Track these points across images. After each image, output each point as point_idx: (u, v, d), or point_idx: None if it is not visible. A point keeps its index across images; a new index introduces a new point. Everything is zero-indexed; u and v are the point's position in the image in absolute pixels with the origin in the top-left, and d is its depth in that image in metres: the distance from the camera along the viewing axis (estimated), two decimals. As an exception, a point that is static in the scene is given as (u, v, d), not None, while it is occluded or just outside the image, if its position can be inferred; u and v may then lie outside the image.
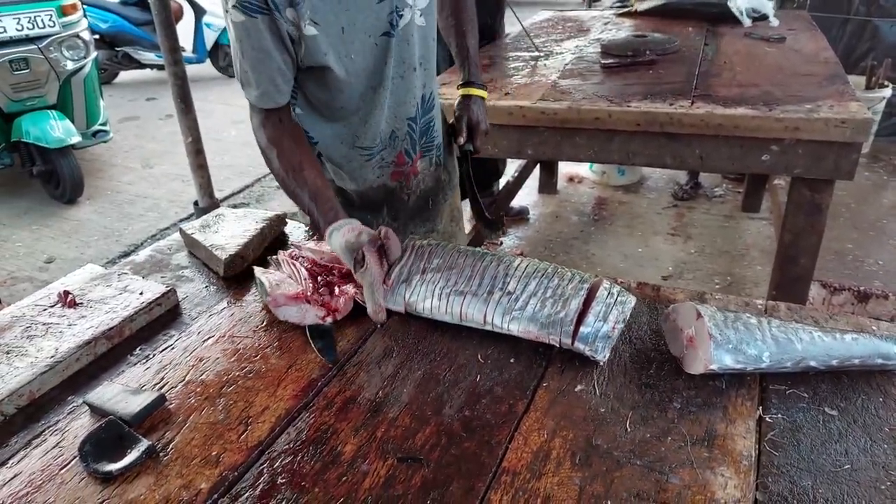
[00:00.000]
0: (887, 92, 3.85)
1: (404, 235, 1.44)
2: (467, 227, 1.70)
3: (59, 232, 3.86)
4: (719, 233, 3.45)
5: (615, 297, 0.98)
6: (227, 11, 1.09)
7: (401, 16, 1.19)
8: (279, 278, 1.10)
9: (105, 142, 4.50)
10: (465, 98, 1.40)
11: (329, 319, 1.06)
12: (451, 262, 1.06)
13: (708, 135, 1.80)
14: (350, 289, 1.08)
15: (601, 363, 0.96)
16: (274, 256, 1.19)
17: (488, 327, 1.01)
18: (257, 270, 1.13)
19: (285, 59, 1.13)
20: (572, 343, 0.95)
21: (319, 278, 1.11)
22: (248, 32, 1.08)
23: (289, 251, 1.18)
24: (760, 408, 0.88)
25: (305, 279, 1.09)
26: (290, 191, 1.16)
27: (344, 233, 1.07)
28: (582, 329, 0.95)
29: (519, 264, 1.05)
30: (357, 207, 1.41)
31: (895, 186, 3.75)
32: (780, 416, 0.87)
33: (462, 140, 1.37)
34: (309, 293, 1.06)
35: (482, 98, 1.41)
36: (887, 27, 4.14)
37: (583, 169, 4.16)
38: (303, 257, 1.15)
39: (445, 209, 1.54)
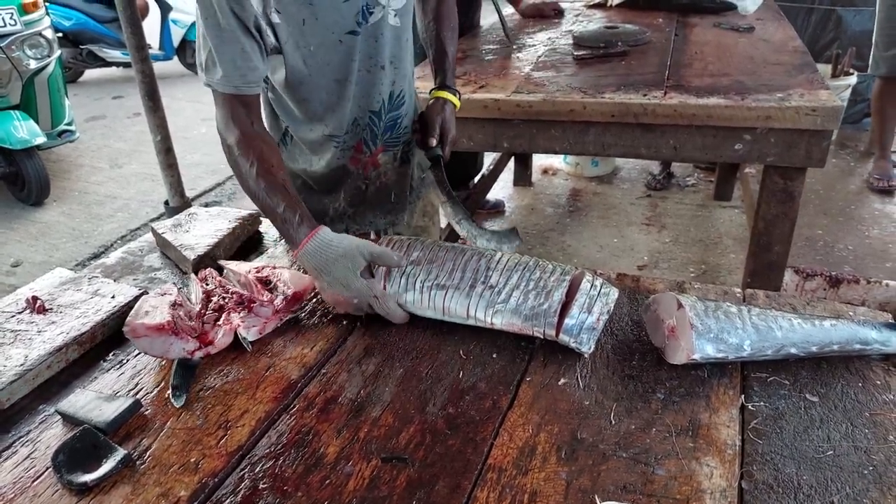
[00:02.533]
0: (852, 80, 3.92)
1: (363, 225, 1.46)
2: (443, 223, 1.67)
3: (26, 235, 3.75)
4: (693, 222, 3.49)
5: (598, 288, 0.98)
6: None
7: (371, 13, 1.18)
8: (156, 302, 1.00)
9: (71, 142, 4.38)
10: (440, 101, 1.37)
11: (199, 354, 0.96)
12: (432, 256, 1.04)
13: (681, 125, 1.81)
14: (235, 319, 1.01)
15: (585, 355, 0.95)
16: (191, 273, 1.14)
17: (471, 321, 1.00)
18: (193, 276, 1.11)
19: (251, 44, 1.09)
20: (557, 335, 0.95)
21: (214, 299, 1.05)
22: (213, 10, 1.05)
23: (207, 270, 1.13)
24: (743, 396, 0.89)
25: (199, 301, 1.04)
26: (259, 195, 1.08)
27: (351, 239, 1.05)
28: (566, 321, 0.94)
29: (500, 258, 1.04)
30: (315, 191, 1.40)
31: (862, 173, 3.83)
32: (762, 404, 0.88)
33: (434, 142, 1.33)
34: (187, 321, 0.98)
35: (454, 105, 1.39)
36: (851, 16, 4.21)
37: (557, 161, 4.18)
38: (213, 277, 1.10)
39: (417, 205, 1.53)
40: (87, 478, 0.76)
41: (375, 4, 1.17)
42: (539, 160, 4.17)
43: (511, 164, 3.90)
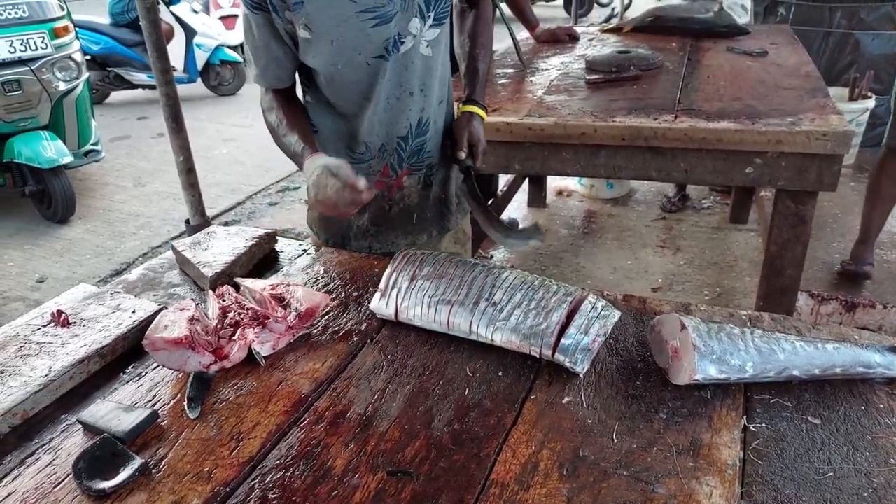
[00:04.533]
0: (870, 103, 3.91)
1: (385, 244, 1.51)
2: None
3: (51, 251, 3.85)
4: (708, 244, 3.48)
5: (599, 311, 1.01)
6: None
7: (402, 43, 1.25)
8: (175, 317, 1.04)
9: (97, 161, 4.50)
10: (467, 114, 1.42)
11: (214, 368, 0.99)
12: (442, 272, 1.09)
13: (692, 148, 1.84)
14: (250, 335, 1.03)
15: (580, 375, 0.97)
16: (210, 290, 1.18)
17: (473, 336, 1.04)
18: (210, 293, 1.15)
19: (284, 50, 1.26)
20: (553, 354, 0.97)
21: (230, 315, 1.08)
22: (249, 24, 1.25)
23: (224, 287, 1.16)
24: (745, 417, 0.90)
25: (215, 317, 1.07)
26: (282, 141, 1.28)
27: (325, 160, 1.17)
28: (563, 341, 0.97)
29: (507, 276, 1.08)
30: None
31: (880, 197, 3.79)
32: (764, 425, 0.89)
33: (463, 155, 1.38)
34: (204, 335, 1.01)
35: (482, 118, 1.44)
36: (868, 40, 4.21)
37: (572, 182, 4.20)
38: (229, 294, 1.13)
39: (446, 236, 1.57)
40: (106, 485, 0.79)
41: (406, 34, 1.25)
42: (554, 181, 4.19)
43: (525, 185, 3.93)
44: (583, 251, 3.48)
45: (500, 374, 1.00)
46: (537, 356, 0.99)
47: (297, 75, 1.36)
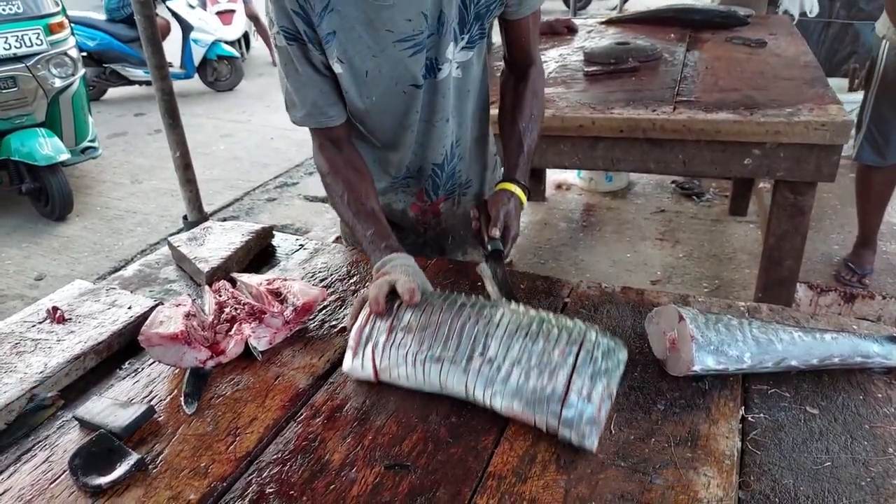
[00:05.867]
0: (869, 94, 3.90)
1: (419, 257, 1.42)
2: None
3: (49, 249, 3.84)
4: (707, 237, 3.48)
5: (599, 364, 0.84)
6: (273, 34, 1.13)
7: (439, 69, 1.16)
8: (170, 312, 1.03)
9: (94, 158, 4.49)
10: (506, 193, 1.23)
11: (211, 363, 0.99)
12: (425, 321, 0.92)
13: (690, 140, 1.83)
14: (247, 330, 1.03)
15: (590, 447, 0.81)
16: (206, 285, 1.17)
17: (471, 399, 0.89)
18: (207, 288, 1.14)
19: (327, 82, 1.15)
20: (559, 427, 0.82)
21: (226, 310, 1.08)
22: (289, 57, 1.12)
23: (221, 282, 1.16)
24: (743, 408, 0.90)
25: (212, 312, 1.07)
26: (350, 221, 1.17)
27: (388, 269, 1.03)
28: (564, 412, 0.82)
29: (500, 319, 0.91)
30: None
31: (879, 187, 3.79)
32: (762, 415, 0.88)
33: (497, 233, 1.17)
34: (200, 331, 1.01)
35: (521, 202, 1.25)
36: (868, 30, 4.19)
37: (570, 176, 4.20)
38: (226, 289, 1.13)
39: (471, 243, 1.51)
40: (102, 480, 0.79)
41: (444, 60, 1.15)
42: (553, 175, 4.19)
43: (524, 178, 3.92)
44: (582, 244, 3.47)
45: (497, 366, 1.00)
46: (543, 429, 0.84)
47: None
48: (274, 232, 1.42)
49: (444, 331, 0.90)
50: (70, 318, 1.07)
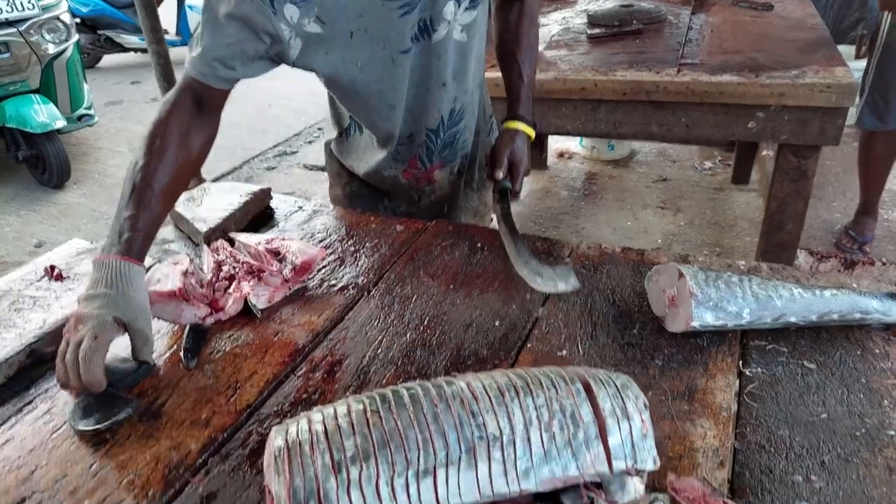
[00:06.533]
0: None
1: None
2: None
3: (48, 216, 3.84)
4: (709, 205, 3.46)
5: (612, 382, 0.72)
6: None
7: (434, 30, 1.09)
8: (168, 270, 1.02)
9: (90, 126, 4.46)
10: (511, 132, 1.25)
11: (210, 320, 0.99)
12: (378, 435, 0.65)
13: (693, 102, 1.81)
14: (245, 287, 1.03)
15: (649, 469, 0.69)
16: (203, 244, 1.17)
17: (491, 497, 0.66)
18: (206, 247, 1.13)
19: (246, 44, 0.99)
20: (611, 466, 0.67)
21: (225, 268, 1.07)
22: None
23: (219, 241, 1.15)
24: (741, 363, 0.90)
25: (210, 270, 1.06)
26: (124, 190, 0.94)
27: (144, 300, 0.88)
28: (611, 443, 0.68)
29: (476, 388, 0.70)
30: (367, 185, 1.40)
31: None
32: (759, 370, 0.89)
33: (501, 174, 1.21)
34: (199, 288, 1.00)
35: (528, 137, 1.26)
36: (876, -4, 4.12)
37: (573, 144, 4.16)
38: (224, 248, 1.12)
39: (469, 213, 1.48)
40: (102, 425, 0.79)
41: (440, 21, 1.07)
42: (555, 144, 4.16)
43: (525, 146, 3.89)
44: (583, 212, 3.46)
45: (496, 324, 1.00)
46: (597, 480, 0.68)
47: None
48: (272, 194, 1.41)
49: (414, 435, 0.66)
50: (68, 277, 1.07)
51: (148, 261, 1.12)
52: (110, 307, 0.83)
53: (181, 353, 0.94)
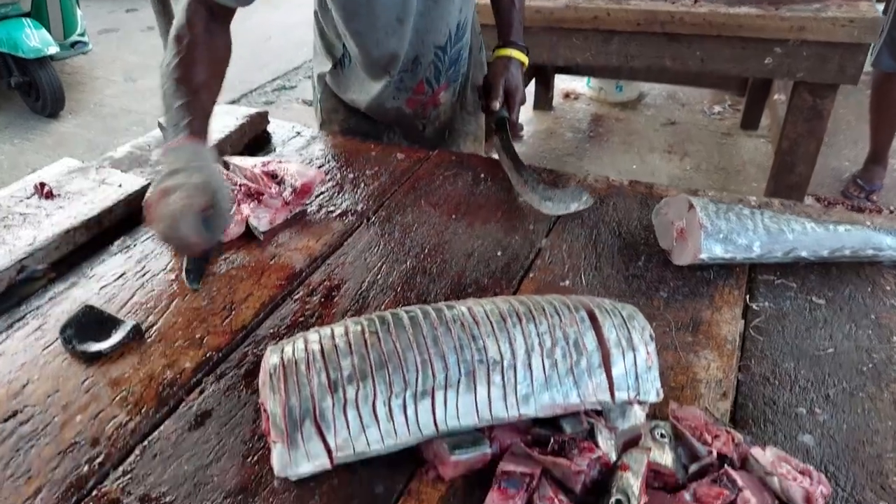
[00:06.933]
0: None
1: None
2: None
3: (42, 146, 3.76)
4: (716, 150, 3.39)
5: (618, 312, 0.70)
6: None
7: None
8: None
9: (84, 53, 4.32)
10: (504, 60, 1.23)
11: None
12: (376, 356, 0.64)
13: (710, 35, 1.73)
14: (245, 210, 1.00)
15: (651, 401, 0.68)
16: None
17: (489, 422, 0.65)
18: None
19: None
20: (613, 396, 0.66)
21: None
22: None
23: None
24: (748, 297, 0.88)
25: None
26: (166, 86, 0.90)
27: (219, 175, 0.84)
28: (614, 373, 0.66)
29: (478, 313, 0.68)
30: (368, 118, 1.35)
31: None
32: (766, 304, 0.87)
33: (497, 105, 1.19)
34: None
35: (522, 63, 1.24)
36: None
37: (579, 85, 4.05)
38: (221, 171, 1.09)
39: (468, 138, 1.45)
40: (101, 346, 0.78)
41: None
42: (561, 83, 4.04)
43: (532, 86, 3.78)
44: (588, 155, 3.40)
45: (498, 253, 0.98)
46: (598, 408, 0.67)
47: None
48: (269, 119, 1.36)
49: (413, 355, 0.64)
50: (58, 195, 1.04)
51: (141, 181, 1.09)
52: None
53: (183, 274, 0.92)
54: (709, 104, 3.82)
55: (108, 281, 0.91)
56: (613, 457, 0.63)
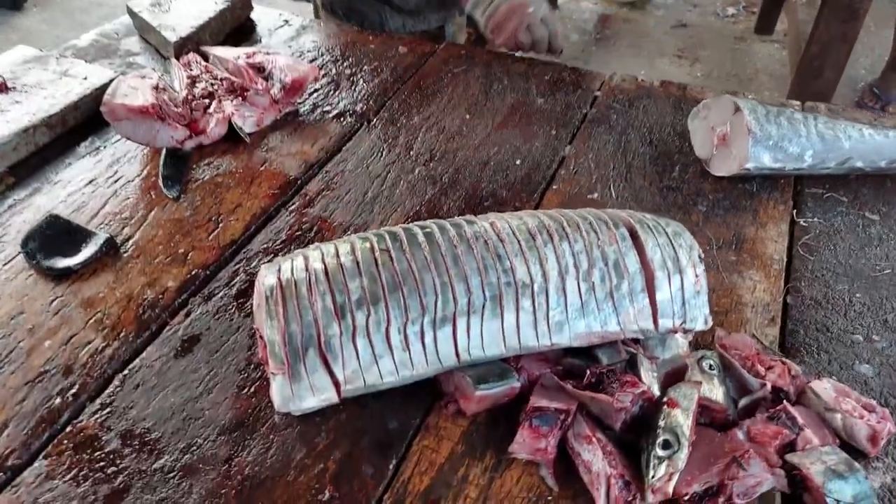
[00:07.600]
0: None
1: (418, 20, 1.32)
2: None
3: (6, 42, 3.48)
4: (729, 55, 3.21)
5: (661, 228, 0.62)
6: None
7: None
8: (136, 84, 0.86)
9: (45, -62, 3.93)
10: None
11: (190, 144, 0.86)
12: (388, 277, 0.55)
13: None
14: (228, 108, 0.88)
15: (698, 328, 0.60)
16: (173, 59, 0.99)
17: (517, 351, 0.57)
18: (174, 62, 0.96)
19: None
20: (657, 324, 0.58)
21: (200, 86, 0.91)
22: None
23: (191, 55, 0.98)
24: (794, 211, 0.79)
25: (184, 86, 0.90)
26: None
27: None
28: (659, 297, 0.58)
29: (505, 229, 0.59)
30: None
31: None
32: (815, 219, 0.78)
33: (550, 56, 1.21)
34: (173, 107, 0.85)
35: None
36: None
37: (586, -18, 3.77)
38: (197, 63, 0.95)
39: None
40: (70, 262, 0.68)
41: None
42: (566, -20, 3.76)
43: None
44: (594, 59, 3.20)
45: (517, 162, 0.87)
46: (638, 336, 0.59)
47: None
48: (253, 4, 1.20)
49: (431, 276, 0.55)
50: (14, 88, 0.90)
51: (109, 73, 0.95)
52: None
53: (160, 181, 0.81)
54: (722, 5, 3.58)
55: (76, 187, 0.80)
56: (656, 391, 0.55)
